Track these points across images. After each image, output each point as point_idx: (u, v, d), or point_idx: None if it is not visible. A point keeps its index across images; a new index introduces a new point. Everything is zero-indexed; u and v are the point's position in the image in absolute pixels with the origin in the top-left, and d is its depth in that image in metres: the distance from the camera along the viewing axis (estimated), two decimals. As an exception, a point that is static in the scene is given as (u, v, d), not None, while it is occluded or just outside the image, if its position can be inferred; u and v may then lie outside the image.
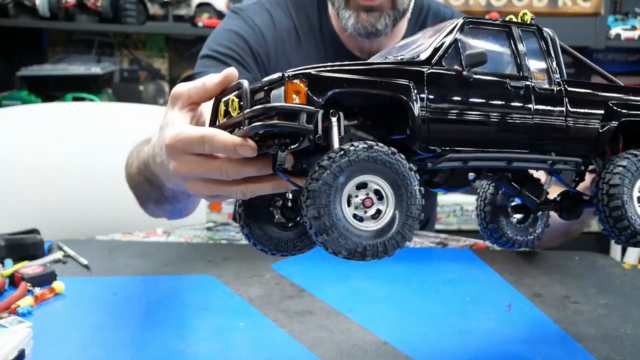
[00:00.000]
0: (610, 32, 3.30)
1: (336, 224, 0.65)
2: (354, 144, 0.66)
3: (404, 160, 0.68)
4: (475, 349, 0.97)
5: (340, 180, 0.65)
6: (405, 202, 0.68)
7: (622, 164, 0.80)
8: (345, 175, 0.65)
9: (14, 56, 3.59)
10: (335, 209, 0.65)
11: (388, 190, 0.68)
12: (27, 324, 0.99)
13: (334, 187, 0.65)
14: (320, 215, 0.65)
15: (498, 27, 0.81)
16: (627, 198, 0.79)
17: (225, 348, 0.95)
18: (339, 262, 1.06)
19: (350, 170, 0.66)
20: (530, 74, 0.80)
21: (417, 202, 0.68)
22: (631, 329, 1.03)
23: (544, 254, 1.41)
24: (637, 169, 0.80)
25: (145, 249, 1.39)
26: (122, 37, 3.69)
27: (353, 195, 0.67)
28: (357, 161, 0.66)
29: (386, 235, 0.68)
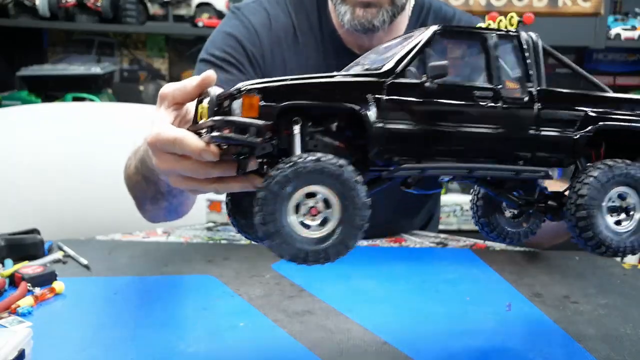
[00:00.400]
0: (610, 32, 3.30)
1: (280, 231, 0.69)
2: (302, 156, 0.70)
3: (352, 173, 0.70)
4: (475, 349, 0.97)
5: (288, 190, 0.69)
6: (350, 212, 0.71)
7: (593, 174, 0.80)
8: (292, 185, 0.69)
9: (14, 56, 3.58)
10: (280, 217, 0.69)
11: (334, 200, 0.70)
12: (27, 324, 0.99)
13: (280, 196, 0.69)
14: (265, 222, 0.69)
15: (472, 35, 0.81)
16: (595, 209, 0.79)
17: (225, 348, 0.95)
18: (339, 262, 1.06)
19: (297, 180, 0.69)
20: (501, 83, 0.80)
21: (361, 214, 0.71)
22: (631, 329, 1.03)
23: (544, 254, 1.41)
24: (609, 180, 0.79)
25: (145, 249, 1.39)
26: (122, 37, 3.69)
27: (302, 203, 0.70)
28: (304, 172, 0.69)
29: (328, 242, 0.71)
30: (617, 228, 0.81)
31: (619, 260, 1.48)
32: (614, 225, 0.81)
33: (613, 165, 0.80)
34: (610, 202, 0.81)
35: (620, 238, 0.81)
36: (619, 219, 0.82)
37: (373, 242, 1.51)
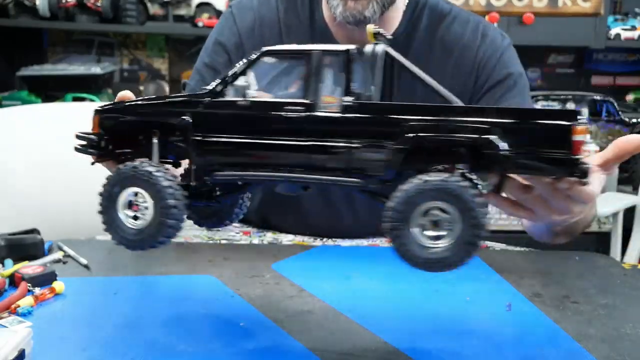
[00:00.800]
0: (610, 32, 3.31)
1: (112, 222, 0.88)
2: (127, 164, 0.87)
3: (161, 177, 0.85)
4: (475, 349, 0.97)
5: (116, 190, 0.88)
6: (159, 209, 0.85)
7: (404, 187, 0.77)
8: (119, 187, 0.88)
9: (14, 56, 3.59)
10: (111, 210, 0.88)
11: (149, 198, 0.86)
12: (27, 324, 0.99)
13: (111, 195, 0.88)
14: (103, 213, 0.89)
15: (298, 54, 0.86)
16: (401, 222, 0.77)
17: (225, 348, 0.95)
18: (339, 262, 1.06)
19: (121, 183, 0.87)
20: (317, 98, 0.83)
21: (169, 211, 0.85)
22: (631, 329, 1.03)
23: (544, 254, 1.41)
24: (419, 192, 0.76)
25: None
26: (122, 37, 3.69)
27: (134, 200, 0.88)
28: (123, 177, 0.87)
29: (144, 234, 0.87)
30: (428, 243, 0.77)
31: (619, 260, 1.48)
32: (424, 239, 0.78)
33: (429, 179, 0.76)
34: (426, 217, 0.77)
35: (431, 253, 0.77)
36: (437, 234, 0.77)
37: (373, 242, 1.51)
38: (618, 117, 3.23)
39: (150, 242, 0.87)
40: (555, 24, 3.11)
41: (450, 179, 0.75)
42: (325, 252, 1.37)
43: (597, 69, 3.75)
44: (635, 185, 3.06)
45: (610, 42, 3.29)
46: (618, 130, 3.24)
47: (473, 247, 0.76)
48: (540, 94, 3.27)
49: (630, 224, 2.80)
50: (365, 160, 0.83)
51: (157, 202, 0.85)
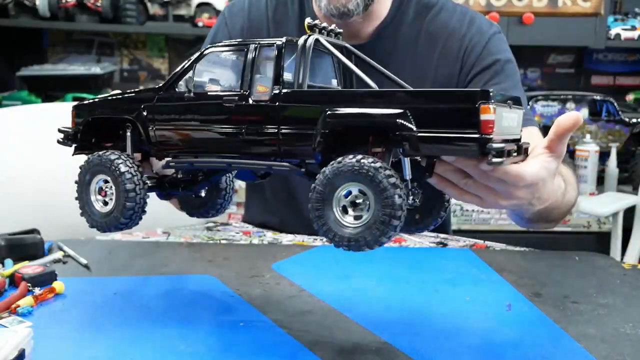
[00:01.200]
0: (610, 32, 3.30)
1: (85, 206, 0.98)
2: (95, 154, 0.97)
3: (121, 163, 0.94)
4: (475, 349, 0.97)
5: (87, 178, 0.98)
6: (120, 193, 0.94)
7: (325, 170, 0.81)
8: (90, 175, 0.97)
9: (14, 56, 3.59)
10: (84, 196, 0.98)
11: (113, 184, 0.95)
12: (27, 324, 0.99)
13: (84, 182, 0.98)
14: (79, 199, 0.99)
15: (236, 48, 0.94)
16: (321, 203, 0.81)
17: (225, 348, 0.95)
18: (339, 262, 1.06)
19: (91, 171, 0.97)
20: (252, 88, 0.90)
21: (128, 195, 0.93)
22: (631, 329, 1.03)
23: (544, 254, 1.41)
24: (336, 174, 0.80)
25: (145, 249, 1.39)
26: (122, 37, 3.69)
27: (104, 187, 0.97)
28: (92, 165, 0.97)
29: (110, 216, 0.96)
30: (349, 222, 0.81)
31: (619, 260, 1.48)
32: (344, 219, 0.81)
33: (344, 162, 0.79)
34: (347, 198, 0.81)
35: (348, 232, 0.81)
36: (359, 214, 0.80)
37: (373, 242, 1.51)
38: (618, 117, 3.23)
39: (114, 224, 0.96)
40: (555, 24, 3.11)
41: (364, 160, 0.78)
42: (325, 252, 1.37)
43: (597, 69, 3.74)
44: (635, 185, 3.06)
45: (610, 42, 3.29)
46: (618, 130, 3.24)
47: (387, 227, 0.78)
48: (540, 94, 3.26)
49: (630, 224, 2.80)
50: (293, 145, 0.87)
51: (117, 186, 0.94)
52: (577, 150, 3.14)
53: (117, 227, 0.96)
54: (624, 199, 2.84)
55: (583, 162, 3.11)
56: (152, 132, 0.97)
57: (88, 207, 0.98)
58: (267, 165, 0.91)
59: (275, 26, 1.58)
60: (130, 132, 0.99)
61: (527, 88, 3.70)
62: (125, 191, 0.94)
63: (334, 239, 0.81)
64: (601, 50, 3.60)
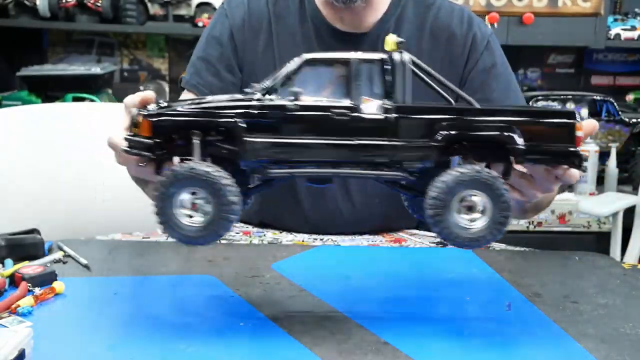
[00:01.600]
0: (610, 32, 3.31)
1: (169, 221, 0.91)
2: (182, 165, 0.90)
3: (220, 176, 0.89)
4: (475, 348, 0.97)
5: (172, 191, 0.90)
6: (220, 206, 0.90)
7: (443, 178, 0.90)
8: (175, 187, 0.90)
9: (14, 56, 3.59)
10: (168, 210, 0.90)
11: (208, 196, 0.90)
12: (27, 324, 0.99)
13: (167, 196, 0.90)
14: (159, 214, 0.91)
15: (339, 61, 0.95)
16: (442, 209, 0.91)
17: (225, 348, 0.95)
18: (339, 262, 1.06)
19: (177, 184, 0.90)
20: (359, 101, 0.93)
21: (230, 207, 0.90)
22: (631, 328, 1.03)
23: (544, 254, 1.41)
24: (457, 184, 0.90)
25: (145, 249, 1.39)
26: (122, 37, 3.69)
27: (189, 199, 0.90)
28: (180, 178, 0.89)
29: (207, 230, 0.91)
30: (467, 224, 0.92)
31: (619, 260, 1.48)
32: (464, 221, 0.92)
33: (465, 171, 0.90)
34: (462, 202, 0.91)
35: (470, 233, 0.92)
36: (472, 217, 0.92)
37: (373, 242, 1.51)
38: (618, 117, 3.23)
39: (213, 237, 0.92)
40: (555, 24, 3.11)
41: (482, 171, 0.90)
42: (325, 252, 1.37)
43: (597, 69, 3.74)
44: (635, 185, 3.06)
45: (610, 42, 3.29)
46: (618, 131, 3.24)
47: (503, 226, 0.92)
48: (540, 94, 3.27)
49: (630, 224, 2.80)
50: (405, 155, 0.94)
51: (217, 199, 0.89)
52: (577, 151, 3.13)
53: (214, 239, 0.93)
54: (623, 199, 2.84)
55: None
56: (249, 142, 0.93)
57: (173, 221, 0.91)
58: (376, 175, 0.96)
59: (277, 20, 1.59)
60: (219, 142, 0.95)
61: (527, 88, 3.70)
62: (228, 203, 0.90)
63: (456, 239, 0.92)
64: (601, 50, 3.60)
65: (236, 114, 0.93)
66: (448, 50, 1.58)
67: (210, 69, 1.58)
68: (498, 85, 1.57)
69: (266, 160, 0.94)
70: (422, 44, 1.58)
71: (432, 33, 1.59)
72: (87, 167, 1.89)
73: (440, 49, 1.58)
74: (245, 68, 1.58)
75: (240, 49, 1.58)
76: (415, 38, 1.58)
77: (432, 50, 1.58)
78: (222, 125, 0.93)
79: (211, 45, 1.60)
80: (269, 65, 1.55)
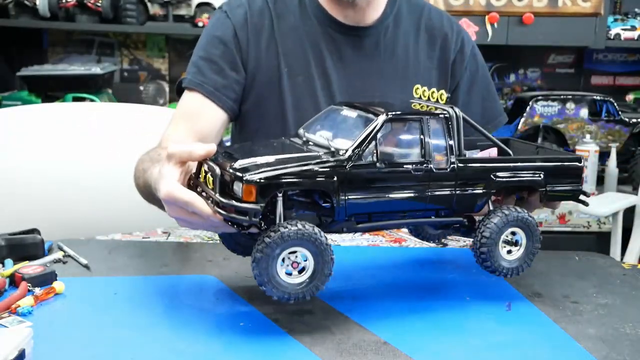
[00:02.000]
0: (610, 32, 3.30)
1: (271, 279, 0.94)
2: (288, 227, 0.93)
3: (323, 237, 0.95)
4: (475, 348, 0.97)
5: (277, 252, 0.93)
6: (325, 264, 0.96)
7: (493, 220, 1.07)
8: (280, 249, 0.93)
9: (14, 56, 3.59)
10: (272, 270, 0.93)
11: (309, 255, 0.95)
12: (27, 323, 0.99)
13: (271, 257, 0.93)
14: (259, 275, 0.93)
15: (413, 118, 1.05)
16: (493, 246, 1.07)
17: (225, 348, 0.95)
18: (338, 262, 1.06)
19: (282, 245, 0.93)
20: (432, 157, 1.04)
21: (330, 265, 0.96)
22: (631, 328, 1.03)
23: (544, 254, 1.40)
24: (505, 225, 1.07)
25: (145, 249, 1.39)
26: (122, 37, 3.69)
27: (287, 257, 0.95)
28: (286, 239, 0.93)
29: (310, 285, 0.96)
30: (509, 257, 1.10)
31: (619, 260, 1.48)
32: (506, 254, 1.09)
33: (508, 213, 1.07)
34: (505, 238, 1.09)
35: (510, 264, 1.10)
36: (510, 249, 1.10)
37: (373, 242, 1.51)
38: (618, 117, 3.23)
39: (313, 292, 0.97)
40: (555, 24, 3.10)
41: (522, 212, 1.08)
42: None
43: (597, 69, 3.74)
44: (635, 185, 3.06)
45: (610, 42, 3.29)
46: (618, 130, 3.24)
47: (534, 256, 1.11)
48: (540, 94, 3.26)
49: (630, 224, 2.80)
50: (463, 202, 1.08)
51: (320, 257, 0.95)
52: (577, 150, 3.14)
53: (314, 294, 0.97)
54: (624, 199, 2.84)
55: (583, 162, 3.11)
56: (342, 200, 0.99)
57: (275, 280, 0.94)
58: (440, 222, 1.11)
59: (278, 17, 1.59)
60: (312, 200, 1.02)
61: (527, 88, 3.71)
62: (329, 260, 0.96)
63: (498, 268, 1.09)
64: (601, 50, 3.60)
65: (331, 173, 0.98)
66: (442, 50, 1.62)
67: (213, 67, 1.57)
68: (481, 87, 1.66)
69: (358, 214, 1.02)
70: (419, 41, 1.62)
71: (427, 32, 1.63)
72: (87, 167, 1.89)
73: (435, 48, 1.62)
74: (249, 66, 1.58)
75: (244, 47, 1.58)
76: (414, 35, 1.62)
77: (429, 49, 1.62)
78: (322, 186, 0.98)
79: (213, 44, 1.59)
80: (272, 61, 1.56)
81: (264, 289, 0.94)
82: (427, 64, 1.62)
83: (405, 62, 1.60)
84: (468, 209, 1.10)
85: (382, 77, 1.58)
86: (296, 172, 0.96)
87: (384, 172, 1.01)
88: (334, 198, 0.98)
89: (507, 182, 1.10)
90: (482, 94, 1.67)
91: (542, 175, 1.12)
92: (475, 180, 1.08)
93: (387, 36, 1.59)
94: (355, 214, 1.02)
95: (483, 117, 1.64)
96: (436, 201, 1.06)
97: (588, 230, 3.07)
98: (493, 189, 1.09)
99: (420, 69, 1.61)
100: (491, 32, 3.06)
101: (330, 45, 1.57)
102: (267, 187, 0.94)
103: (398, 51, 1.60)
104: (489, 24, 3.05)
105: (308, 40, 1.57)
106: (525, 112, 3.17)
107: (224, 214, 0.96)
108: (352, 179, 0.99)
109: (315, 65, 1.57)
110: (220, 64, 1.57)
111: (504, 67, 3.69)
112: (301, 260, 0.95)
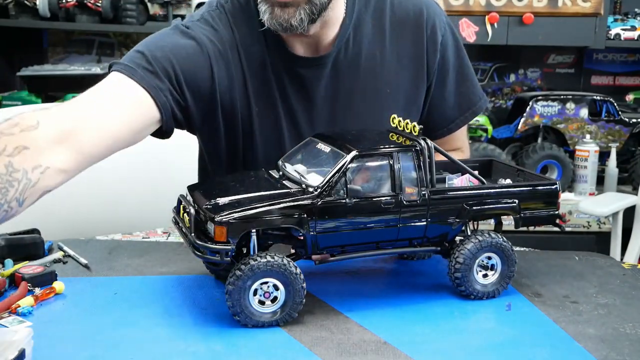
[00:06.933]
0: (610, 32, 3.30)
1: (244, 309, 1.00)
2: (257, 260, 0.99)
3: (292, 267, 1.01)
4: (475, 349, 0.97)
5: (249, 284, 0.99)
6: (293, 291, 1.01)
7: (467, 247, 1.10)
8: (252, 280, 0.99)
9: (14, 56, 3.58)
10: (244, 301, 1.00)
11: (280, 285, 1.01)
12: (27, 323, 0.99)
13: (243, 289, 0.99)
14: (234, 306, 0.99)
15: (382, 154, 1.07)
16: (467, 271, 1.10)
17: (225, 348, 0.95)
18: (339, 262, 1.06)
19: (253, 277, 0.99)
20: (403, 190, 1.06)
21: (302, 292, 1.02)
22: (631, 328, 1.03)
23: (544, 254, 1.41)
24: (478, 250, 1.10)
25: (145, 249, 1.39)
26: (122, 37, 3.69)
27: (259, 288, 1.00)
28: (257, 271, 0.99)
29: (282, 313, 1.01)
30: (484, 281, 1.12)
31: (619, 260, 1.48)
32: (482, 278, 1.12)
33: (482, 239, 1.10)
34: (481, 262, 1.11)
35: (485, 287, 1.12)
36: (486, 273, 1.12)
37: (373, 242, 1.51)
38: (618, 117, 3.23)
39: (287, 319, 1.02)
40: (555, 24, 3.10)
41: (496, 237, 1.12)
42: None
43: (597, 69, 3.74)
44: (635, 185, 3.06)
45: (610, 42, 3.29)
46: (618, 131, 3.24)
47: (509, 280, 1.14)
48: (540, 94, 3.26)
49: (630, 224, 2.79)
50: (435, 231, 1.11)
51: (292, 286, 1.00)
52: (577, 150, 3.14)
53: (287, 320, 1.02)
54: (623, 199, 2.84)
55: (583, 162, 3.11)
56: (312, 234, 1.03)
57: (248, 310, 1.00)
58: (412, 252, 1.21)
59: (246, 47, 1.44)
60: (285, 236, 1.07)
61: (527, 88, 3.70)
62: (300, 289, 1.01)
63: (473, 292, 1.11)
64: (601, 50, 3.60)
65: (301, 211, 1.02)
66: (414, 44, 1.50)
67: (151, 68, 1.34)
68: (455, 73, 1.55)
69: (328, 249, 1.06)
70: (385, 43, 1.49)
71: (393, 29, 1.49)
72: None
73: (406, 43, 1.50)
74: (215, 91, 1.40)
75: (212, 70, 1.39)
76: (377, 41, 1.48)
77: (398, 46, 1.49)
78: (292, 223, 1.02)
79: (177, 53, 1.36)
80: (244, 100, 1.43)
81: (238, 319, 1.00)
82: (397, 68, 1.50)
83: (372, 74, 1.47)
84: (442, 238, 1.12)
85: (351, 102, 1.47)
86: (266, 212, 1.01)
87: (354, 206, 1.04)
88: (306, 233, 1.02)
89: (480, 211, 1.12)
90: (457, 80, 1.54)
91: (517, 202, 1.13)
92: (448, 211, 1.10)
93: (348, 52, 1.45)
94: (328, 247, 1.06)
95: (459, 105, 1.55)
96: (409, 232, 1.09)
97: (588, 230, 3.07)
98: (466, 218, 1.11)
99: (392, 75, 1.49)
100: (491, 32, 3.06)
101: (294, 80, 1.44)
102: (238, 227, 0.99)
103: (362, 64, 1.47)
104: (489, 24, 3.05)
105: (274, 77, 1.44)
106: (525, 112, 3.18)
107: (199, 255, 1.01)
108: (322, 214, 1.03)
109: (282, 105, 1.45)
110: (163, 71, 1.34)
111: (504, 67, 3.69)
112: (273, 290, 1.01)
